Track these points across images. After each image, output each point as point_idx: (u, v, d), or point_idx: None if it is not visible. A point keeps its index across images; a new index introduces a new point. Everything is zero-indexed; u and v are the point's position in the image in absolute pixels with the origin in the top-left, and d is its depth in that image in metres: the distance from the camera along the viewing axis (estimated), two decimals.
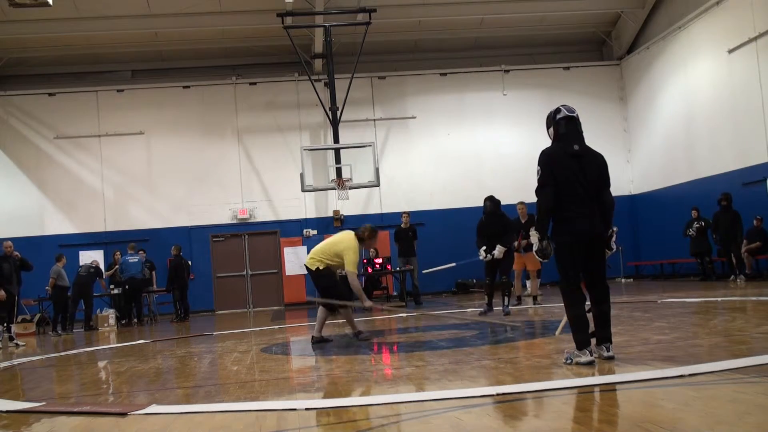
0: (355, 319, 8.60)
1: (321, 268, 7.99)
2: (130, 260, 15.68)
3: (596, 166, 5.25)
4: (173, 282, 16.32)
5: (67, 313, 14.90)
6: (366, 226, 8.20)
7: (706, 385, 4.05)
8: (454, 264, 12.66)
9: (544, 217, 5.20)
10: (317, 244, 8.63)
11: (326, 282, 8.08)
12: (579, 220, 5.11)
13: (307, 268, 8.15)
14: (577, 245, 5.13)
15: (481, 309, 10.18)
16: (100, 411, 4.74)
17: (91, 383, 6.64)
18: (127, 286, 15.60)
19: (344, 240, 8.05)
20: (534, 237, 5.22)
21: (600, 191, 5.23)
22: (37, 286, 15.39)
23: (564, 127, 5.28)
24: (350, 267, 7.82)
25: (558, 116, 5.32)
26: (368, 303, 8.07)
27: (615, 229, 5.31)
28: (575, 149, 5.21)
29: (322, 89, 18.16)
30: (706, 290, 12.27)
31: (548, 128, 5.40)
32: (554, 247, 5.22)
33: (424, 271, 13.14)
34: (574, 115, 5.33)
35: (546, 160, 5.19)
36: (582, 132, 5.34)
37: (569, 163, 5.16)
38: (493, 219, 10.21)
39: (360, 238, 8.04)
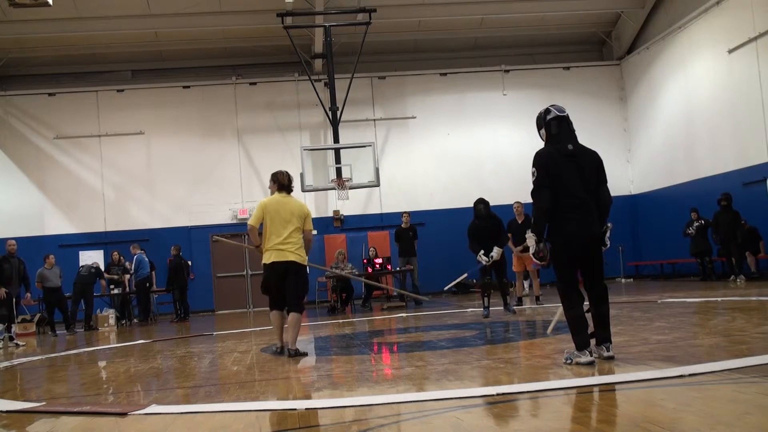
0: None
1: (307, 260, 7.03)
2: (146, 259, 15.91)
3: (592, 164, 5.24)
4: (173, 282, 16.36)
5: (66, 313, 14.79)
6: (276, 179, 7.07)
7: (706, 385, 4.05)
8: (465, 274, 12.71)
9: (540, 219, 5.16)
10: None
11: (305, 280, 7.10)
12: (576, 220, 5.09)
13: (295, 263, 6.84)
14: (574, 246, 5.12)
15: (483, 312, 10.14)
16: (100, 411, 4.74)
17: (91, 383, 6.64)
18: (148, 284, 15.91)
19: (297, 205, 7.00)
20: (531, 239, 5.16)
21: (597, 189, 5.23)
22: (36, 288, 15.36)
23: (556, 128, 5.25)
24: (312, 227, 7.07)
25: (549, 117, 5.28)
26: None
27: (609, 225, 5.29)
28: (570, 149, 5.18)
29: (322, 89, 18.16)
30: (706, 290, 12.27)
31: (539, 129, 5.38)
32: (551, 248, 5.20)
33: (445, 288, 13.16)
34: (565, 114, 5.30)
35: (541, 161, 5.15)
36: (574, 131, 5.31)
37: (565, 163, 5.13)
38: (487, 222, 10.19)
39: (289, 189, 7.12)
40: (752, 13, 14.61)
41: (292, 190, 7.13)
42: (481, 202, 10.30)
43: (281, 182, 7.05)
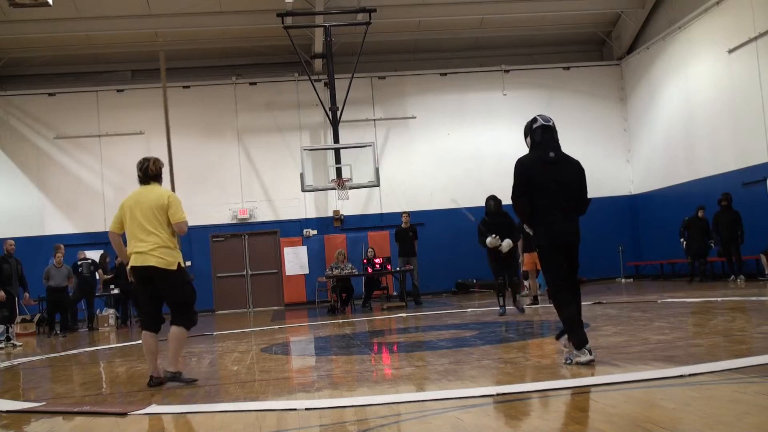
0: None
1: (182, 264, 5.74)
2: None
3: (573, 172, 5.41)
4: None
5: (67, 313, 14.64)
6: (146, 164, 6.05)
7: (706, 385, 4.05)
8: (473, 218, 12.32)
9: (527, 223, 5.45)
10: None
11: (182, 285, 5.73)
12: (557, 222, 5.27)
13: (156, 269, 5.55)
14: (557, 247, 5.27)
15: (500, 311, 10.19)
16: (100, 411, 4.74)
17: (91, 383, 6.64)
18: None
19: (156, 195, 5.84)
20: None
21: (578, 197, 5.38)
22: (37, 286, 15.33)
23: (540, 136, 5.44)
24: (185, 216, 5.75)
25: (534, 125, 5.48)
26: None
27: None
28: (551, 156, 5.35)
29: (322, 89, 18.15)
30: (706, 290, 12.27)
31: (525, 138, 5.57)
32: (538, 251, 5.41)
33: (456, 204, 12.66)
34: (550, 124, 5.49)
35: (522, 168, 5.35)
36: (558, 140, 5.49)
37: (546, 170, 5.30)
38: (497, 219, 10.25)
39: (158, 177, 6.01)
40: (752, 13, 14.61)
41: (151, 178, 5.96)
42: (492, 199, 10.41)
43: (138, 172, 5.93)
